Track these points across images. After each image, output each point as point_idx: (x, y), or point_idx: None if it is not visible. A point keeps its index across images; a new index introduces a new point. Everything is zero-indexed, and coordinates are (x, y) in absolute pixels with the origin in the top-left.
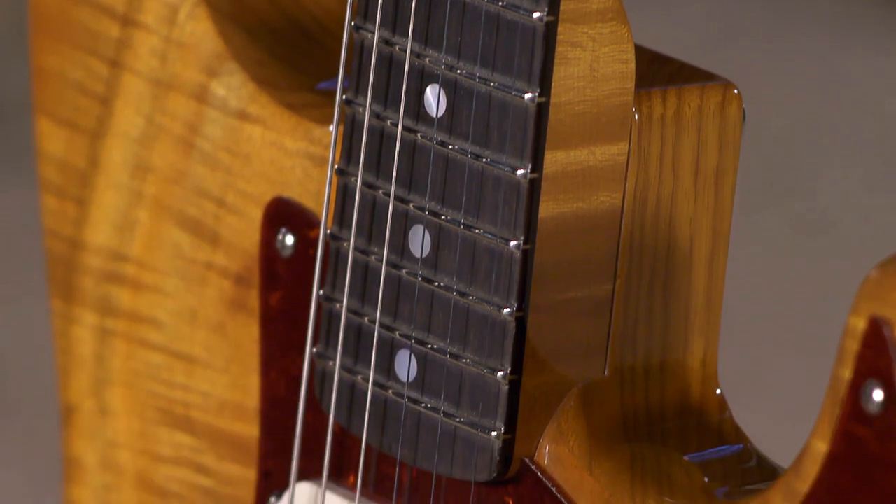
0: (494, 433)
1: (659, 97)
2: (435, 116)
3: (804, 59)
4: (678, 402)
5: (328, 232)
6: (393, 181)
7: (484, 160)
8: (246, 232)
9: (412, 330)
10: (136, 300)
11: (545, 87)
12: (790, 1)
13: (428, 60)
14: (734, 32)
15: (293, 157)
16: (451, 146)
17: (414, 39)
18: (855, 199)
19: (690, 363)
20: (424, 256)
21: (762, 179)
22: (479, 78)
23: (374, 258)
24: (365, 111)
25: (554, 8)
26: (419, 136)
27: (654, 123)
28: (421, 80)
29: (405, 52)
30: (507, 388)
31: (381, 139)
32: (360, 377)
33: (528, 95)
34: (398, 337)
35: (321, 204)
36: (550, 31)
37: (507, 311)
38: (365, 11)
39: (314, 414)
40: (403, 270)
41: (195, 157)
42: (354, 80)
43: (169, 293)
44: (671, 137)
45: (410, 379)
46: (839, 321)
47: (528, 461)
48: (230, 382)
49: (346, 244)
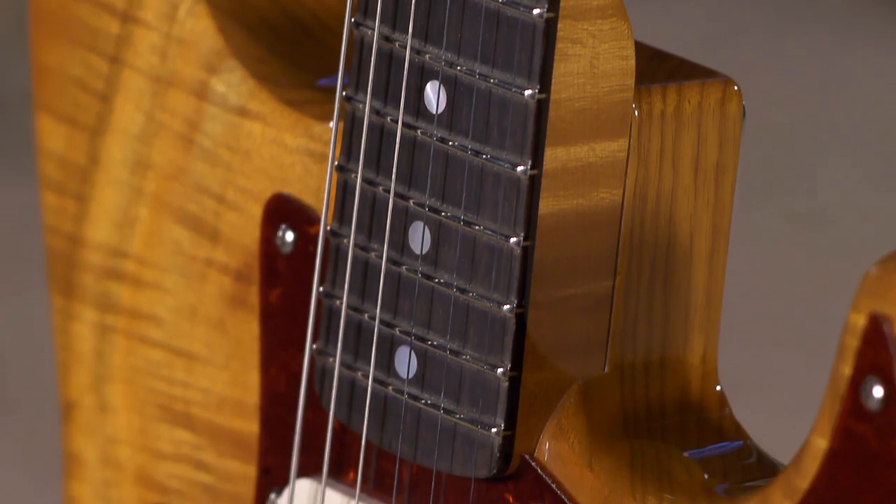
0: (494, 430)
1: (659, 94)
2: (435, 113)
3: (804, 56)
4: (678, 398)
5: (328, 228)
6: (393, 178)
7: (484, 157)
8: (246, 228)
9: (412, 326)
10: (136, 297)
11: (545, 83)
12: None
13: (428, 57)
14: (734, 29)
15: (293, 153)
16: (451, 143)
17: (414, 36)
18: (855, 196)
19: (690, 360)
20: (424, 253)
21: (762, 176)
22: (479, 74)
23: (374, 255)
24: (365, 108)
25: (554, 4)
26: (419, 132)
27: (654, 120)
28: (421, 76)
29: (405, 48)
30: (507, 384)
31: (381, 136)
32: (360, 374)
33: (528, 92)
34: (398, 333)
35: (321, 200)
36: (550, 27)
37: (507, 307)
38: (365, 8)
39: (314, 410)
40: (403, 267)
41: (195, 153)
42: (354, 76)
43: (169, 290)
44: (671, 134)
45: (410, 375)
46: (839, 318)
47: (528, 458)
48: (230, 379)
49: (346, 241)
